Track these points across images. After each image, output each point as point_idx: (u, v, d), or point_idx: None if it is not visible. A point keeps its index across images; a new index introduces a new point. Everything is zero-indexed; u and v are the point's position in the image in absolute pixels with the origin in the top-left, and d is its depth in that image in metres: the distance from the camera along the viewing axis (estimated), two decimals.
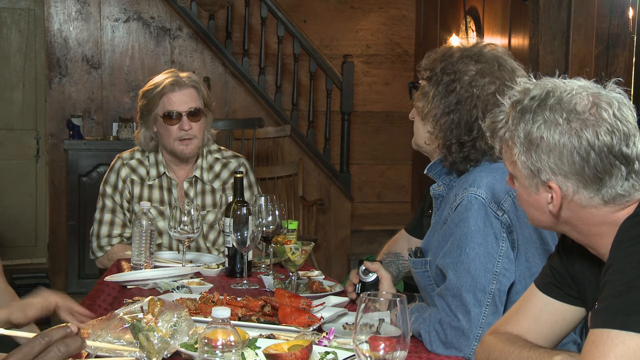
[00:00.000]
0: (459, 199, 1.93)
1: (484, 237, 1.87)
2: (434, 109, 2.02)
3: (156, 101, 3.01)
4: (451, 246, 1.91)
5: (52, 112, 5.78)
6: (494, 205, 1.88)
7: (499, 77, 1.99)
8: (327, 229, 6.06)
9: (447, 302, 1.86)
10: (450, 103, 1.99)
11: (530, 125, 1.47)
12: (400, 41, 6.90)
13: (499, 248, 1.87)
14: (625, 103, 1.46)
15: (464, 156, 2.00)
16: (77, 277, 5.49)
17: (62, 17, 5.77)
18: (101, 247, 3.04)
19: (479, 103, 1.97)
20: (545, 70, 4.77)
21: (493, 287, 1.85)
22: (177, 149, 3.01)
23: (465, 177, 1.99)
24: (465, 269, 1.86)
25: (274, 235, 2.43)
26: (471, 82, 1.98)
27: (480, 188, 1.90)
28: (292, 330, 1.88)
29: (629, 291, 1.35)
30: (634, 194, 1.45)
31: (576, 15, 4.76)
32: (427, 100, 2.04)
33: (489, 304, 1.84)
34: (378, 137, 6.85)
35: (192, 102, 3.00)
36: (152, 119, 3.03)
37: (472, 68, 2.00)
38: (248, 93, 6.00)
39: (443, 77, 2.01)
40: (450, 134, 2.00)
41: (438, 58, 2.05)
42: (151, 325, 1.60)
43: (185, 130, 2.98)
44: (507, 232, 1.89)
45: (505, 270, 1.87)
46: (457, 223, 1.91)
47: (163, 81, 3.01)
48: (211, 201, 3.11)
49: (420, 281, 2.08)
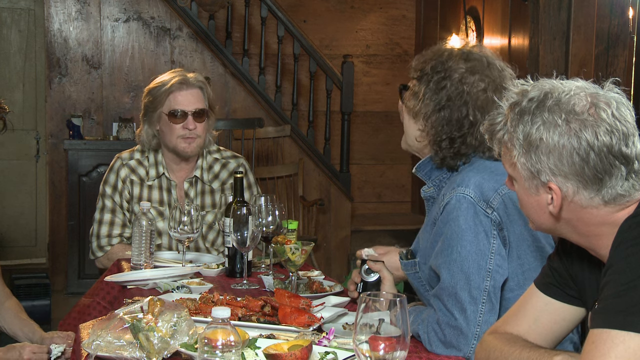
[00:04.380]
0: (447, 199, 1.94)
1: (474, 235, 1.88)
2: (424, 106, 2.04)
3: (162, 99, 3.00)
4: (442, 246, 1.92)
5: (52, 112, 5.78)
6: (482, 204, 1.90)
7: (488, 75, 2.02)
8: (327, 229, 6.06)
9: (443, 302, 1.87)
10: (441, 100, 2.02)
11: (529, 127, 1.47)
12: (400, 41, 6.90)
13: (491, 245, 1.88)
14: (623, 103, 1.46)
15: (454, 152, 2.02)
16: (77, 277, 5.49)
17: (62, 17, 5.77)
18: (101, 247, 3.04)
19: (469, 100, 2.00)
20: (545, 71, 4.75)
21: (487, 284, 1.86)
22: (179, 147, 3.01)
23: (454, 178, 2.01)
24: (459, 268, 1.86)
25: (274, 235, 2.43)
26: (461, 79, 2.01)
27: (468, 187, 1.91)
28: (292, 330, 1.88)
29: (629, 291, 1.35)
30: (634, 194, 1.45)
31: (576, 15, 4.76)
32: (418, 99, 2.06)
33: (484, 302, 1.85)
34: (378, 137, 6.85)
35: (198, 103, 3.01)
36: (157, 116, 3.03)
37: (461, 66, 2.02)
38: (248, 93, 6.00)
39: (433, 75, 2.04)
40: (441, 131, 2.02)
41: (428, 58, 2.08)
42: (151, 325, 1.61)
43: (190, 129, 2.98)
44: (497, 229, 1.90)
45: (499, 267, 1.88)
46: (447, 222, 1.92)
47: (171, 79, 3.01)
48: (210, 201, 3.11)
49: (413, 283, 2.09)
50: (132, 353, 1.63)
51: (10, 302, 2.59)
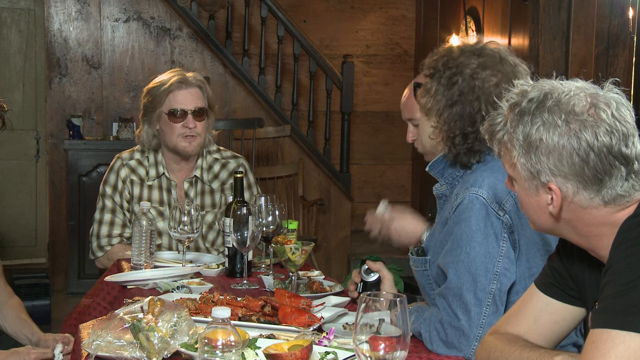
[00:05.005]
0: (459, 199, 1.93)
1: (484, 237, 1.87)
2: (437, 103, 2.04)
3: (162, 98, 3.01)
4: (452, 245, 1.91)
5: (52, 112, 5.79)
6: (495, 205, 1.89)
7: (500, 70, 2.01)
8: (327, 229, 6.06)
9: (448, 302, 1.87)
10: (453, 95, 2.01)
11: (529, 128, 1.47)
12: (400, 41, 6.90)
13: (500, 248, 1.87)
14: (623, 103, 1.46)
15: (467, 148, 2.01)
16: (77, 277, 5.50)
17: (62, 17, 5.77)
18: (101, 247, 3.04)
19: (482, 95, 1.99)
20: (545, 71, 4.74)
21: (494, 287, 1.85)
22: (179, 146, 3.01)
23: (467, 177, 2.00)
24: (466, 269, 1.86)
25: (274, 235, 2.43)
26: (472, 75, 2.00)
27: (481, 188, 1.90)
28: (292, 330, 1.88)
29: (629, 291, 1.35)
30: (633, 194, 1.45)
31: (576, 15, 4.75)
32: (430, 95, 2.05)
33: (489, 304, 1.84)
34: (378, 137, 6.85)
35: (197, 101, 3.01)
36: (156, 116, 3.03)
37: (473, 61, 2.02)
38: (248, 93, 6.00)
39: (445, 71, 2.03)
40: (454, 126, 2.01)
41: (440, 55, 2.08)
42: (151, 325, 1.61)
43: (190, 127, 2.99)
44: (508, 232, 1.89)
45: (506, 271, 1.87)
46: (458, 222, 1.91)
47: (170, 79, 3.01)
48: (210, 201, 3.11)
49: (420, 280, 2.09)
50: (132, 353, 1.63)
51: (13, 301, 2.59)
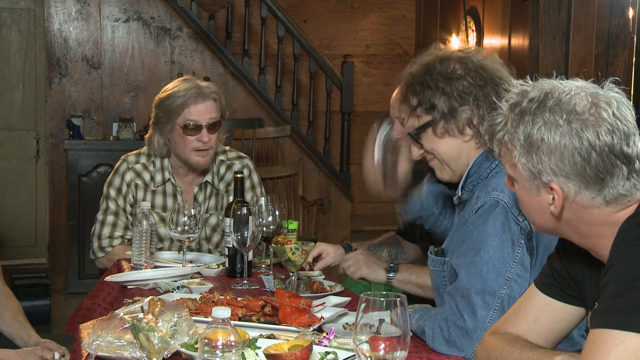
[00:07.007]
0: (480, 202, 1.93)
1: (501, 241, 1.86)
2: (438, 112, 2.03)
3: (178, 111, 2.95)
4: (467, 247, 1.91)
5: (52, 112, 5.78)
6: (515, 211, 1.88)
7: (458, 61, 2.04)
8: (327, 229, 6.06)
9: (455, 301, 1.87)
10: (453, 92, 2.02)
11: (530, 127, 1.46)
12: (400, 41, 6.90)
13: (515, 254, 1.86)
14: (623, 102, 1.46)
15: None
16: (77, 277, 5.50)
17: (62, 17, 5.77)
18: (102, 248, 3.04)
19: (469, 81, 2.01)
20: (545, 70, 4.75)
21: (503, 292, 1.85)
22: (192, 160, 2.99)
23: (489, 181, 1.99)
24: (478, 271, 1.86)
25: (274, 235, 2.43)
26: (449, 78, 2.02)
27: (503, 192, 1.90)
28: (293, 330, 1.88)
29: (629, 291, 1.35)
30: (635, 194, 1.45)
31: (576, 15, 4.76)
32: (427, 114, 2.05)
33: (497, 309, 1.83)
34: None
35: (212, 114, 2.97)
36: (170, 127, 2.99)
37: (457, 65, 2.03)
38: (248, 93, 6.00)
39: (424, 89, 2.03)
40: (480, 113, 1.99)
41: (407, 90, 2.07)
42: (151, 325, 1.61)
43: (204, 142, 2.97)
44: (526, 238, 1.88)
45: (518, 277, 1.86)
46: (477, 225, 1.91)
47: (187, 92, 2.95)
48: (214, 203, 3.11)
49: (435, 280, 2.08)
50: (133, 353, 1.63)
51: (11, 302, 2.59)
